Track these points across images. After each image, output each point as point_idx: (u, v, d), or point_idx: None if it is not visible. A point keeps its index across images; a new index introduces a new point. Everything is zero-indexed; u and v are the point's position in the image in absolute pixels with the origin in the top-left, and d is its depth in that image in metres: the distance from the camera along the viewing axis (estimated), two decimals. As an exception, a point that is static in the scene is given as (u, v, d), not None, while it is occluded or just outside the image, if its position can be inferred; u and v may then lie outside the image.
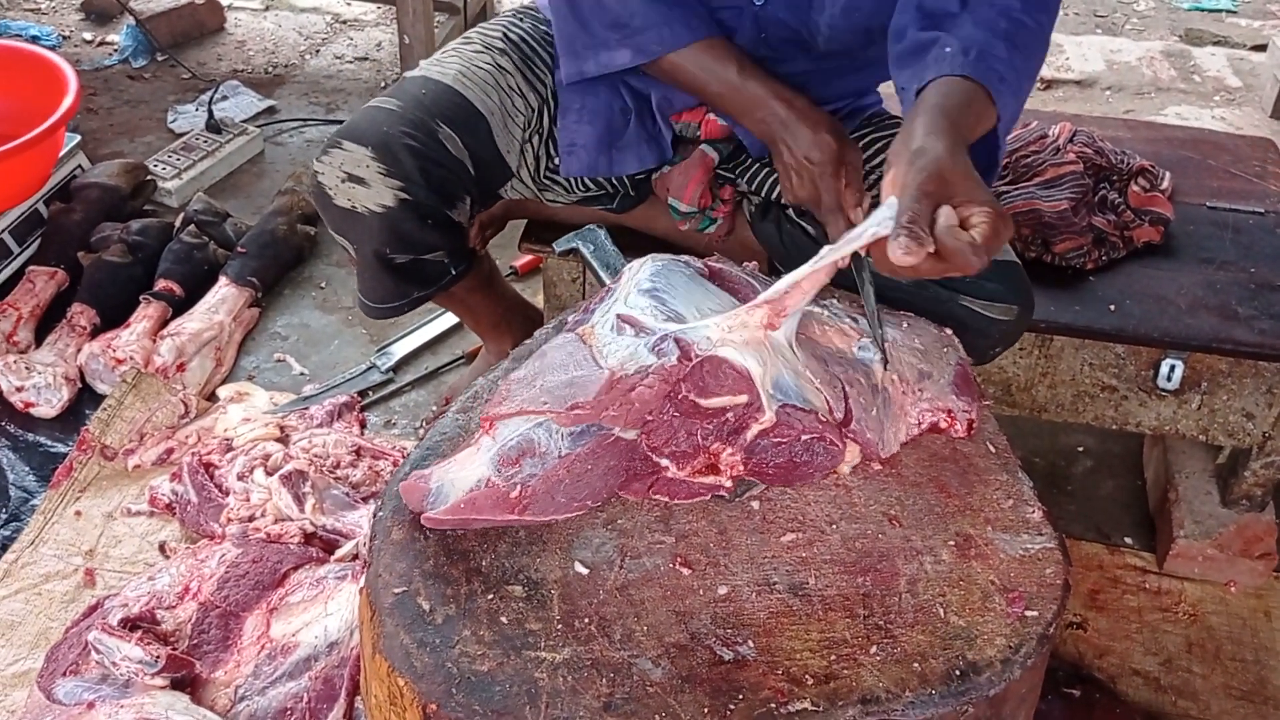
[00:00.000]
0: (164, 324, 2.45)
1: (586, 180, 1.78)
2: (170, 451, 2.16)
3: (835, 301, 1.44)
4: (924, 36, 1.38)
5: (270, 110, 3.44)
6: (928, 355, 1.36)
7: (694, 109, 1.73)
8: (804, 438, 1.19)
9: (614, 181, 1.79)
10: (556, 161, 1.76)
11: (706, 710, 1.01)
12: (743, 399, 1.17)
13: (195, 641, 1.71)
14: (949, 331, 1.44)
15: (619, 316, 1.23)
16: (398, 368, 2.46)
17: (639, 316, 1.22)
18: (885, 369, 1.28)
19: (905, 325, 1.42)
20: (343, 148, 1.63)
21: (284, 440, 2.14)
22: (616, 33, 1.57)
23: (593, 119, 1.71)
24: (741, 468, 1.20)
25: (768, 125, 1.58)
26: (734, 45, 1.59)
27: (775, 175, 1.76)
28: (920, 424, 1.32)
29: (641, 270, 1.29)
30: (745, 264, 1.41)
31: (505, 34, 1.77)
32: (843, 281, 1.65)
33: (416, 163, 1.62)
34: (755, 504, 1.22)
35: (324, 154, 1.65)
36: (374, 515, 1.20)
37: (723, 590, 1.12)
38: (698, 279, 1.29)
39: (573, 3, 1.58)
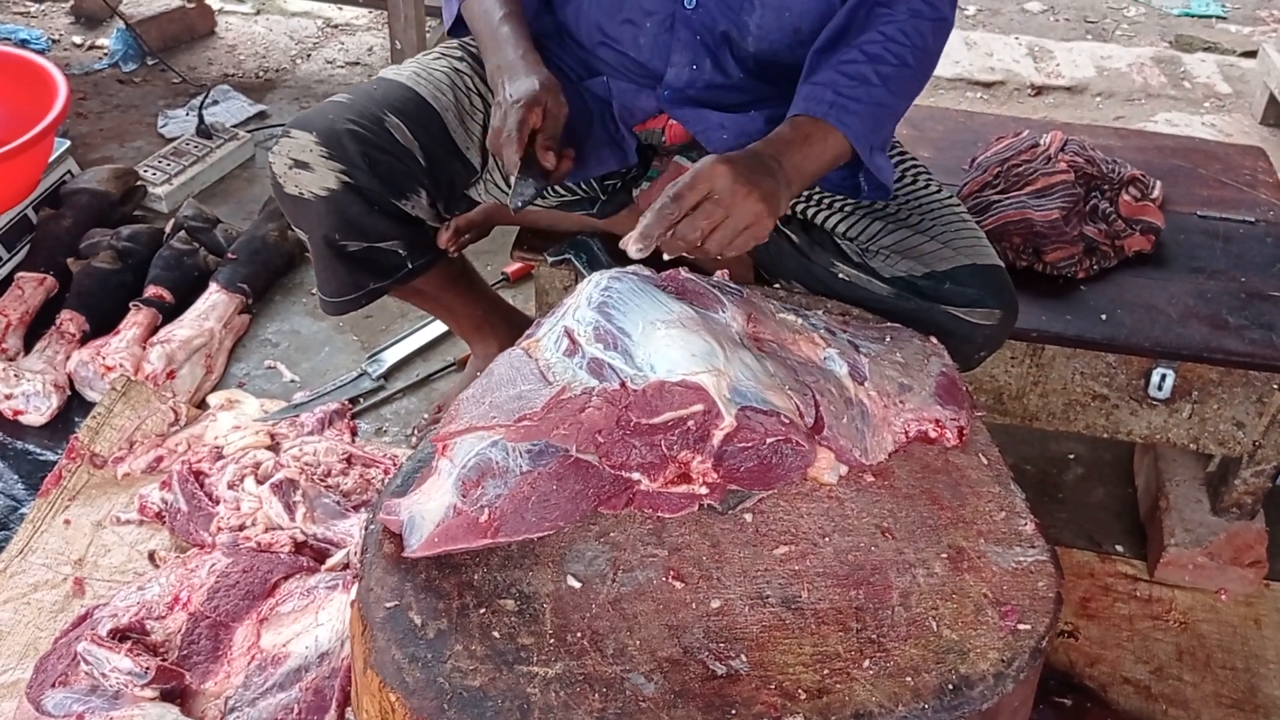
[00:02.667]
0: (154, 331, 2.43)
1: (558, 186, 1.79)
2: (160, 459, 2.15)
3: (819, 313, 1.45)
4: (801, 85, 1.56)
5: (261, 115, 3.43)
6: (908, 368, 1.37)
7: (655, 117, 1.76)
8: (770, 440, 1.20)
9: (585, 186, 1.80)
10: None
11: (699, 726, 1.01)
12: (698, 408, 1.17)
13: (185, 652, 1.70)
14: (934, 340, 1.44)
15: (564, 330, 1.23)
16: (389, 375, 2.45)
17: (579, 334, 1.22)
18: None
19: (888, 338, 1.42)
20: (290, 136, 1.68)
21: (274, 448, 2.13)
22: None
23: None
24: (714, 475, 1.20)
25: (497, 68, 1.62)
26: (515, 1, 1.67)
27: None
28: (907, 433, 1.32)
29: (593, 285, 1.29)
30: (716, 273, 1.41)
31: (462, 44, 1.84)
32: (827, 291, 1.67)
33: (360, 147, 1.65)
34: (748, 516, 1.22)
35: (274, 144, 1.70)
36: (365, 527, 1.20)
37: (715, 604, 1.12)
38: (651, 291, 1.30)
39: None
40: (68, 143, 2.89)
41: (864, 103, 1.51)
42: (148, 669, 1.62)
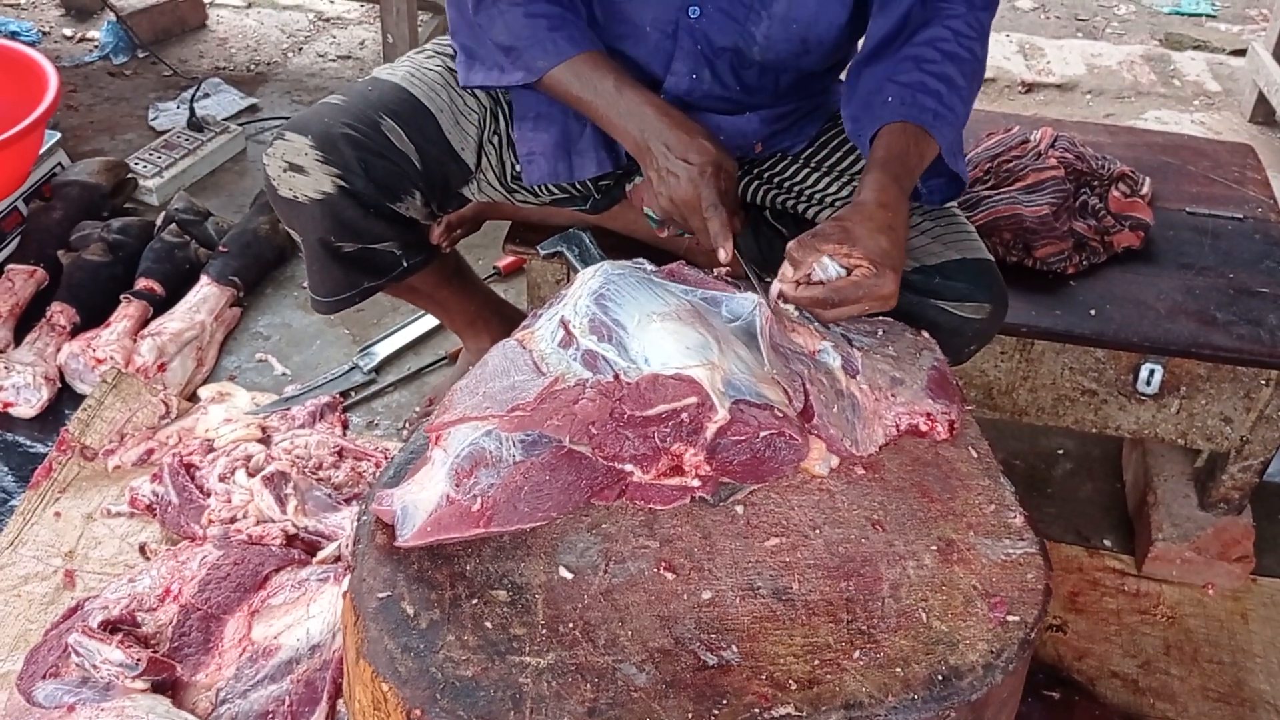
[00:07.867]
0: (144, 323, 2.43)
1: (551, 185, 1.79)
2: (151, 452, 2.15)
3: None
4: (868, 84, 1.54)
5: (252, 108, 3.43)
6: (900, 362, 1.38)
7: None
8: (763, 433, 1.20)
9: (578, 186, 1.80)
10: (519, 168, 1.77)
11: (690, 715, 1.01)
12: (691, 401, 1.18)
13: (176, 644, 1.70)
14: (925, 334, 1.45)
15: (560, 321, 1.24)
16: (380, 368, 2.45)
17: (575, 325, 1.23)
18: (769, 307, 1.34)
19: (880, 332, 1.42)
20: (285, 138, 1.67)
21: (266, 441, 2.13)
22: (508, 55, 1.60)
23: (548, 126, 1.72)
24: (707, 467, 1.21)
25: (642, 133, 1.56)
26: (613, 61, 1.60)
27: (747, 179, 1.77)
28: (898, 427, 1.33)
29: (594, 277, 1.30)
30: (714, 270, 1.42)
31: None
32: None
33: (355, 152, 1.65)
34: (739, 508, 1.22)
35: (269, 146, 1.69)
36: (358, 518, 1.20)
37: (707, 595, 1.13)
38: (649, 283, 1.30)
39: (470, 22, 1.63)
40: (58, 135, 2.88)
41: (954, 110, 1.50)
42: (139, 660, 1.62)
